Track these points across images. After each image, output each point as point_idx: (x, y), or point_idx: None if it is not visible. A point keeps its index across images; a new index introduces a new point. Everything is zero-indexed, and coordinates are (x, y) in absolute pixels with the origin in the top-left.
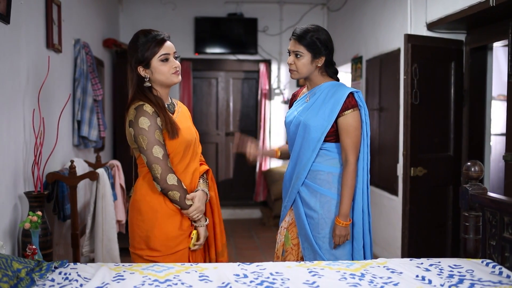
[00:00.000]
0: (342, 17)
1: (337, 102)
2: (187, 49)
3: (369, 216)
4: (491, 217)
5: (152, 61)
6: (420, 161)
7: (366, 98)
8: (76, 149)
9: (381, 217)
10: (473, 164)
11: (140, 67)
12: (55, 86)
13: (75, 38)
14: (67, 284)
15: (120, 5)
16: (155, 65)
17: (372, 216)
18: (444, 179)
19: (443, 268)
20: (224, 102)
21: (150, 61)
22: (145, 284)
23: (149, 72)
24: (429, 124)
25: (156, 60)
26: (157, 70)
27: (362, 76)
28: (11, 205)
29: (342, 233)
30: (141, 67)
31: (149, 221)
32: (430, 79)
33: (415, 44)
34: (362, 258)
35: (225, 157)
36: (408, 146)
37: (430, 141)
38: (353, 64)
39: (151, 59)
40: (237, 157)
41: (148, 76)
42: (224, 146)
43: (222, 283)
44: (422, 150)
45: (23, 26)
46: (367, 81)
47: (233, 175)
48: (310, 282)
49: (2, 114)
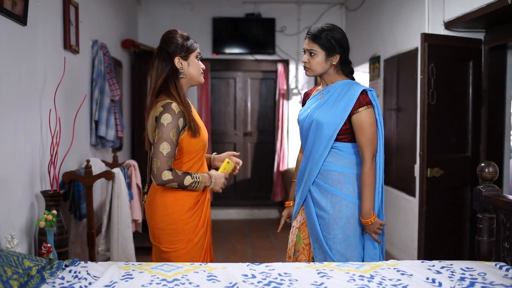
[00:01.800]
0: (360, 17)
1: (350, 99)
2: (205, 50)
3: (382, 217)
4: (505, 219)
5: (191, 55)
6: (437, 162)
7: (383, 98)
8: (94, 148)
9: (399, 218)
10: (487, 165)
11: (178, 58)
12: (72, 86)
13: (92, 39)
14: (76, 282)
15: (138, 6)
16: (193, 59)
17: (389, 217)
18: (462, 180)
19: (454, 270)
20: (242, 102)
21: (189, 55)
22: (153, 284)
23: (185, 64)
24: (446, 124)
25: (194, 55)
26: (194, 64)
27: (380, 76)
28: (28, 204)
29: (371, 229)
30: (179, 57)
31: (172, 214)
32: (447, 79)
33: (432, 43)
34: (373, 259)
35: (243, 157)
36: (424, 147)
37: (447, 141)
38: (371, 63)
39: (191, 52)
40: (255, 157)
41: (183, 68)
42: (242, 146)
43: (230, 283)
44: (439, 150)
45: (40, 27)
46: (385, 81)
47: (251, 175)
48: (318, 283)
49: (19, 114)
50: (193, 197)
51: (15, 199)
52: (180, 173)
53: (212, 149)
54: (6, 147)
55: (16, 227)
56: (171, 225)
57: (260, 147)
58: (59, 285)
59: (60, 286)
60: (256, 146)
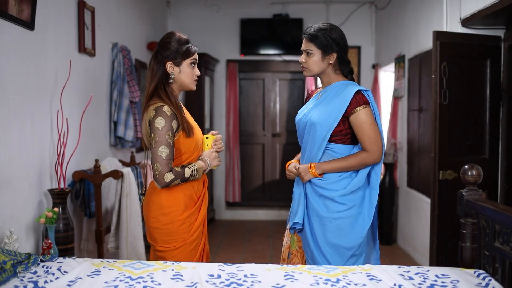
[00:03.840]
0: (388, 15)
1: (343, 99)
2: (233, 51)
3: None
4: (486, 225)
5: (184, 62)
6: (450, 164)
7: (408, 98)
8: (114, 148)
9: (420, 222)
10: (470, 167)
11: (170, 63)
12: (89, 88)
13: (112, 42)
14: (43, 276)
15: (168, 9)
16: (185, 66)
17: (412, 220)
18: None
19: (428, 277)
20: (271, 103)
21: (182, 61)
22: (117, 280)
23: (177, 70)
24: (461, 125)
25: (187, 62)
26: (185, 71)
27: (404, 76)
28: (36, 202)
29: (303, 175)
30: (171, 63)
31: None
32: (462, 78)
33: (445, 41)
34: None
35: (271, 158)
36: (436, 148)
37: (462, 143)
38: (396, 63)
39: (184, 59)
40: (283, 158)
41: (174, 74)
42: (270, 147)
43: (191, 282)
44: (453, 152)
45: (51, 31)
46: (409, 81)
47: (279, 176)
48: (279, 286)
49: (26, 115)
50: (190, 197)
51: (20, 196)
52: (179, 169)
53: (240, 150)
54: (11, 147)
55: (22, 223)
56: (167, 225)
57: (288, 148)
58: (28, 279)
59: (28, 280)
60: (285, 147)
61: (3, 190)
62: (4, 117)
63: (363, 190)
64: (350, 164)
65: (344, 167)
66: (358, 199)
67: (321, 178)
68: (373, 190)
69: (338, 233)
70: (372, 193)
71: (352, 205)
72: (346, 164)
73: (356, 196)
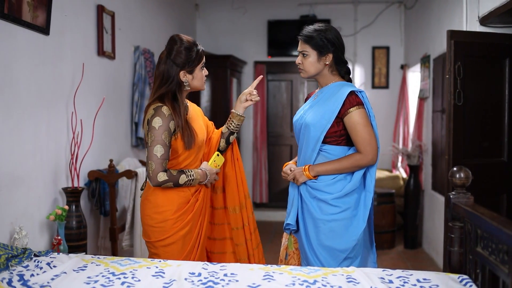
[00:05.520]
0: (415, 15)
1: (336, 100)
2: (260, 52)
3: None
4: (471, 229)
5: (196, 68)
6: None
7: (432, 99)
8: (135, 149)
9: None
10: (458, 170)
11: (184, 72)
12: (109, 90)
13: (134, 45)
14: (31, 270)
15: (197, 11)
16: (197, 71)
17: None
18: (494, 187)
19: (408, 281)
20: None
21: (195, 68)
22: (99, 276)
23: (190, 77)
24: (477, 126)
25: (198, 67)
26: (198, 76)
27: (429, 77)
28: (50, 200)
29: (297, 177)
30: (184, 71)
31: (162, 213)
32: (478, 78)
33: (459, 40)
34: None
35: None
36: (450, 150)
37: (478, 145)
38: (422, 63)
39: (196, 66)
40: None
41: (187, 81)
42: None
43: (170, 280)
44: (468, 154)
45: (68, 36)
46: (434, 81)
47: None
48: (254, 286)
49: (41, 116)
50: (184, 197)
51: (34, 194)
52: (175, 173)
53: (268, 151)
54: (25, 146)
55: (36, 220)
56: (160, 223)
57: None
58: (17, 272)
59: (17, 273)
60: None
61: (15, 188)
62: (17, 119)
63: (358, 193)
64: (343, 166)
65: (337, 169)
66: (353, 201)
67: (316, 181)
68: (368, 193)
69: (332, 235)
70: (367, 195)
71: (346, 208)
72: (339, 166)
73: (351, 199)
